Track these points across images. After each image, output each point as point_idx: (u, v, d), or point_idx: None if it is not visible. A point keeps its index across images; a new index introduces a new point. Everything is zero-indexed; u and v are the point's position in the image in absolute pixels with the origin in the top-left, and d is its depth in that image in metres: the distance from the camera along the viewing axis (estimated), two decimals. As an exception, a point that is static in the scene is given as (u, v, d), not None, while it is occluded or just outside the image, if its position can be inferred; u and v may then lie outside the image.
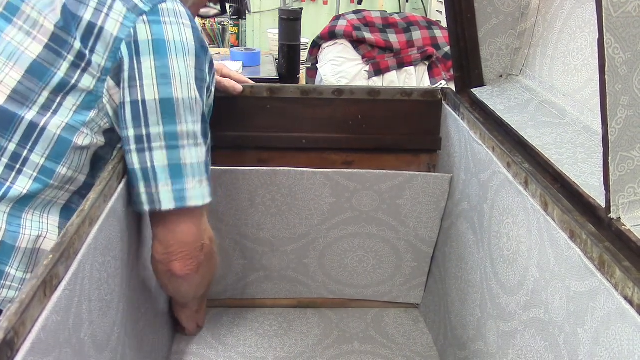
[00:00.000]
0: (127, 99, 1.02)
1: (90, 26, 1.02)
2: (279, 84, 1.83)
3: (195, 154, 1.05)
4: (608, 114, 0.79)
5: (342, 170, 1.48)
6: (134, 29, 1.02)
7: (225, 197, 1.49)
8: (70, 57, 1.02)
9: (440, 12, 3.89)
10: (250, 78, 1.56)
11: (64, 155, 1.04)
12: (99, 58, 1.02)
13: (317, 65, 2.94)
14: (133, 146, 1.03)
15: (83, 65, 1.02)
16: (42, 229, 1.05)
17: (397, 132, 1.53)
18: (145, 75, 1.01)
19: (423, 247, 1.58)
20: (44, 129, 1.02)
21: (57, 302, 0.74)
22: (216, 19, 3.32)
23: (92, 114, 1.04)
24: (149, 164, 1.03)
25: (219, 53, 3.06)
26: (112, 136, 1.09)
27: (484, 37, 1.43)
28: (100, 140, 1.08)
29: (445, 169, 1.51)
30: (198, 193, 1.06)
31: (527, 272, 1.04)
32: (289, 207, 1.51)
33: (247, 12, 1.69)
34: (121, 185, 1.05)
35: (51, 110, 1.03)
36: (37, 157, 1.03)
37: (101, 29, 1.02)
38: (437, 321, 1.54)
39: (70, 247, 0.80)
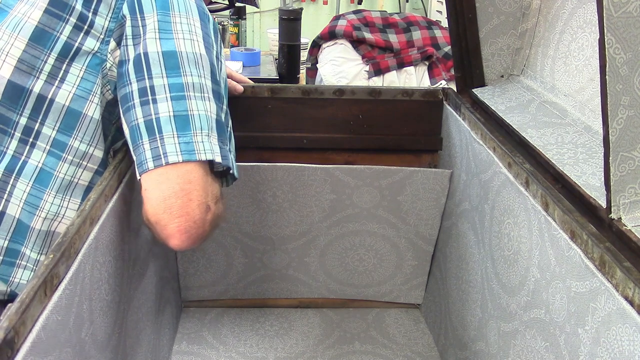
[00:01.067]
0: (131, 56, 1.01)
1: None
2: (280, 84, 1.83)
3: (203, 106, 1.00)
4: (609, 114, 0.79)
5: (343, 166, 1.48)
6: None
7: (226, 194, 1.49)
8: (73, 20, 1.02)
9: (440, 12, 3.89)
10: (250, 78, 1.56)
11: (74, 126, 1.04)
12: (102, 19, 1.02)
13: (317, 65, 2.94)
14: (137, 100, 0.99)
15: (86, 27, 1.02)
16: (59, 212, 1.05)
17: (398, 132, 1.52)
18: (149, 30, 1.01)
19: (423, 245, 1.58)
20: (52, 100, 1.02)
21: (58, 302, 0.74)
22: (216, 18, 3.32)
23: (97, 80, 1.04)
24: (153, 116, 0.98)
25: (219, 53, 3.06)
26: (113, 110, 1.08)
27: (485, 37, 1.43)
28: (105, 112, 1.07)
29: (446, 169, 1.51)
30: (208, 147, 0.98)
31: (528, 272, 1.04)
32: (290, 204, 1.51)
33: (256, 6, 1.68)
34: (122, 185, 1.05)
35: (58, 78, 1.02)
36: (49, 130, 1.03)
37: None
38: (438, 321, 1.54)
39: (70, 247, 0.81)
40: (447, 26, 2.96)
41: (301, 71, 2.88)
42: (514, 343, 1.09)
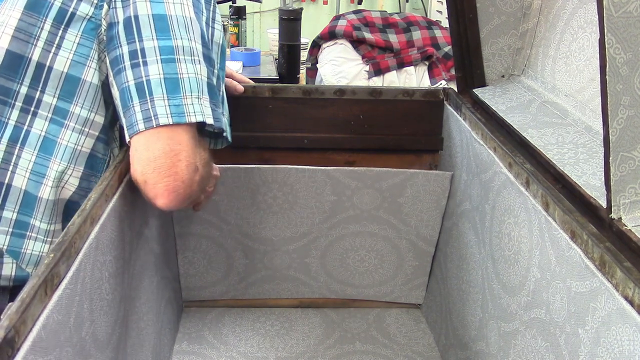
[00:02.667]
0: (120, 18, 1.01)
1: None
2: (280, 84, 1.84)
3: (193, 69, 1.01)
4: (609, 114, 0.79)
5: (343, 168, 1.48)
6: None
7: (226, 195, 1.49)
8: None
9: (440, 12, 3.89)
10: (250, 78, 1.57)
11: (74, 93, 1.04)
12: None
13: (317, 65, 2.94)
14: (127, 62, 1.00)
15: None
16: (64, 179, 1.05)
17: (398, 132, 1.53)
18: None
19: (424, 246, 1.58)
20: (51, 68, 1.03)
21: (58, 301, 0.74)
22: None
23: (94, 45, 1.04)
24: (144, 78, 0.99)
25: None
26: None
27: (486, 37, 1.43)
28: (105, 77, 1.07)
29: (447, 169, 1.51)
30: (197, 109, 1.00)
31: (528, 272, 1.04)
32: (290, 206, 1.51)
33: (258, 1, 1.67)
34: (122, 185, 1.05)
35: (55, 44, 1.03)
36: (49, 98, 1.04)
37: None
38: (439, 321, 1.54)
39: (71, 246, 0.81)
40: (447, 26, 2.96)
41: (301, 71, 2.88)
42: (514, 343, 1.09)
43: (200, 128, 1.05)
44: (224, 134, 1.08)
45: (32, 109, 1.03)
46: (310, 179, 1.48)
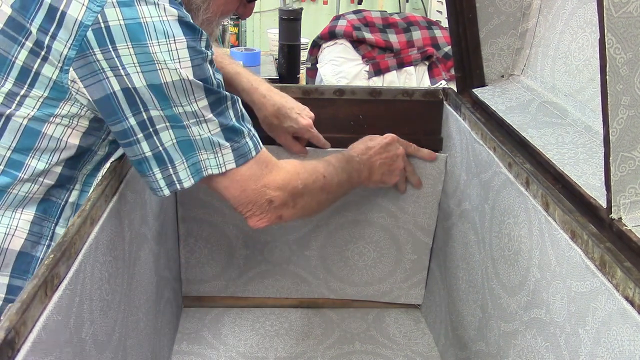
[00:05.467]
0: (117, 88, 0.94)
1: (52, 10, 0.93)
2: (280, 84, 1.83)
3: (203, 129, 1.00)
4: (609, 114, 0.79)
5: (341, 149, 1.47)
6: (101, 13, 0.91)
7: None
8: (29, 44, 0.95)
9: (440, 12, 3.89)
10: None
11: (32, 146, 0.99)
12: (61, 45, 0.94)
13: (317, 65, 2.95)
14: (140, 134, 0.97)
15: (43, 53, 0.95)
16: (11, 225, 1.00)
17: (398, 132, 1.52)
18: (127, 63, 0.93)
19: (422, 236, 1.59)
20: (9, 118, 0.97)
21: (58, 302, 0.74)
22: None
23: (63, 105, 0.98)
24: (160, 147, 0.98)
25: (219, 53, 3.06)
26: (100, 126, 1.04)
27: (486, 37, 1.43)
28: (80, 127, 1.02)
29: (448, 169, 1.51)
30: (214, 162, 1.02)
31: (528, 272, 1.04)
32: None
33: None
34: (122, 185, 1.05)
35: (15, 102, 0.97)
36: (3, 150, 0.98)
37: (63, 13, 0.93)
38: (438, 321, 1.54)
39: (71, 247, 0.81)
40: (447, 26, 2.96)
41: (301, 71, 2.88)
42: (514, 343, 1.09)
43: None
44: (260, 148, 1.09)
45: None
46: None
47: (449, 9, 1.42)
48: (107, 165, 1.09)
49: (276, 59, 2.82)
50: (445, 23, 3.36)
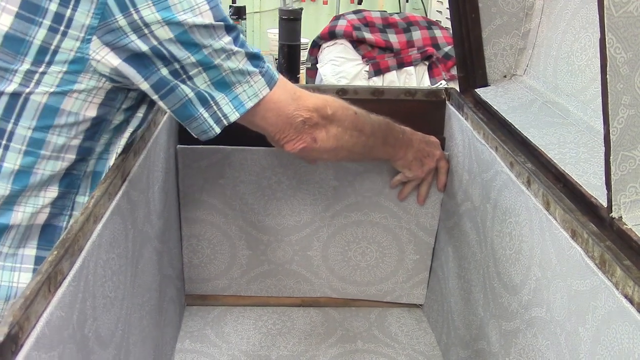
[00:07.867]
0: (144, 48, 0.97)
1: None
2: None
3: (233, 62, 1.04)
4: (610, 113, 0.79)
5: None
6: None
7: (232, 178, 1.51)
8: (47, 22, 0.96)
9: (440, 12, 3.89)
10: None
11: (52, 124, 1.00)
12: (83, 16, 0.95)
13: (317, 65, 2.95)
14: (174, 82, 1.01)
15: (62, 28, 0.96)
16: (38, 204, 1.02)
17: (400, 132, 1.53)
18: (150, 21, 0.96)
19: (424, 236, 1.59)
20: (27, 98, 0.98)
21: (62, 298, 0.75)
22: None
23: (82, 79, 0.99)
24: (199, 89, 1.03)
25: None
26: (115, 96, 1.05)
27: (488, 38, 1.43)
28: (97, 99, 1.02)
29: (449, 168, 1.51)
30: (251, 92, 1.07)
31: (529, 271, 1.04)
32: (294, 192, 1.52)
33: None
34: (125, 183, 1.06)
35: (34, 81, 0.98)
36: (24, 129, 0.99)
37: None
38: (440, 321, 1.55)
39: (74, 244, 0.81)
40: (447, 26, 2.97)
41: (301, 71, 2.88)
42: (515, 342, 1.09)
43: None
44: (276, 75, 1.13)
45: (4, 142, 0.99)
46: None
47: (451, 9, 1.42)
48: (126, 134, 1.11)
49: (276, 59, 2.83)
50: (445, 23, 3.36)
